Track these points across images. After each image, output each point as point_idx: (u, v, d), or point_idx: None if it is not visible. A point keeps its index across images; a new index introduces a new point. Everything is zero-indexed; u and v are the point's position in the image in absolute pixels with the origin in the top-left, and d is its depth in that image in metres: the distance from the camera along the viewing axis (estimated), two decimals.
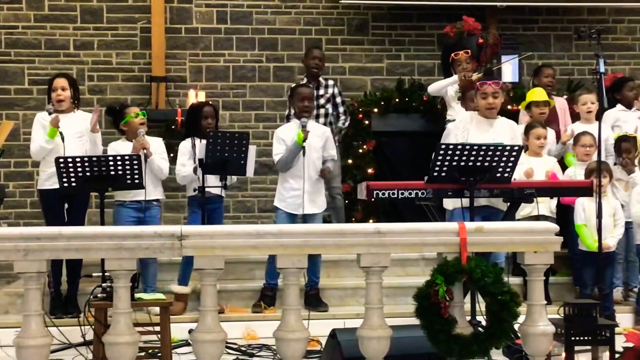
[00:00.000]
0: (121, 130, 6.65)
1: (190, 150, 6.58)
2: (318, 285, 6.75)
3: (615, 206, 6.68)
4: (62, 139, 6.26)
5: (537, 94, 7.35)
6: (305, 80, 7.58)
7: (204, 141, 6.35)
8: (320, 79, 7.69)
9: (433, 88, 7.74)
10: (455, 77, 7.47)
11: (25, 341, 3.62)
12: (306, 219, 6.61)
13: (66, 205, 6.36)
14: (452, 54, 7.58)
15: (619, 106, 7.47)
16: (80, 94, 6.91)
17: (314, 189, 6.64)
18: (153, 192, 6.51)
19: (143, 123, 6.51)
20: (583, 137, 6.96)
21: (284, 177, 6.68)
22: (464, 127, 6.04)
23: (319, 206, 6.72)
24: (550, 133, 7.21)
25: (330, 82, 7.76)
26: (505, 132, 6.05)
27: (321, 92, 7.58)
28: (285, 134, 6.66)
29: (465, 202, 5.55)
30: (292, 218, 6.63)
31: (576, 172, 6.89)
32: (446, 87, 7.56)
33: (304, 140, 6.44)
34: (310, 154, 6.58)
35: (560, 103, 7.79)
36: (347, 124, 7.80)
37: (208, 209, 6.42)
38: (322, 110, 7.54)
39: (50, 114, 6.30)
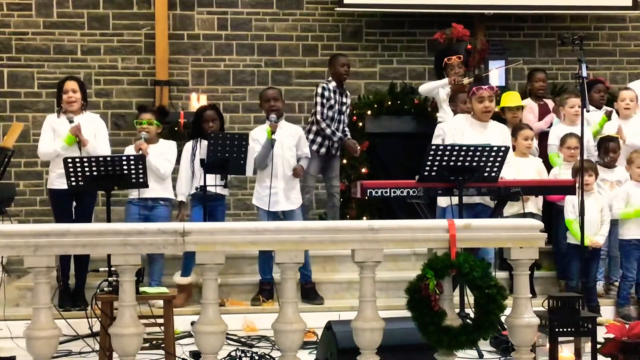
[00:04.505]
0: None
1: (190, 152, 6.62)
2: (312, 278, 6.74)
3: (602, 203, 6.69)
4: (79, 148, 6.24)
5: (510, 98, 7.36)
6: (333, 86, 7.29)
7: (205, 142, 6.38)
8: (345, 87, 7.55)
9: (424, 88, 7.78)
10: (445, 80, 7.49)
11: (35, 333, 3.61)
12: (286, 216, 6.62)
13: (74, 204, 6.36)
14: (445, 58, 7.57)
15: (591, 107, 7.46)
16: (88, 96, 6.91)
17: (289, 186, 6.65)
18: (159, 191, 6.51)
19: (142, 131, 6.50)
20: (569, 139, 6.95)
21: (261, 176, 6.68)
22: (460, 129, 6.04)
23: (294, 203, 6.71)
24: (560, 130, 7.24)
25: (348, 94, 7.61)
26: (497, 134, 6.06)
27: (344, 100, 7.42)
28: (258, 134, 6.69)
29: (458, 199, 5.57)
30: (273, 215, 6.60)
31: (561, 172, 6.90)
32: (436, 88, 7.57)
33: (273, 133, 6.45)
34: (283, 152, 6.59)
35: (553, 106, 7.79)
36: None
37: (209, 206, 6.42)
38: (342, 117, 7.37)
39: (71, 122, 6.29)
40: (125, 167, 5.77)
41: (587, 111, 6.08)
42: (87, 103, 6.69)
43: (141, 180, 5.90)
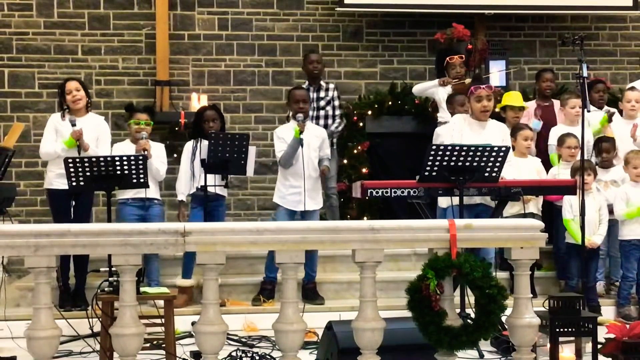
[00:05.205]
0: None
1: (191, 152, 6.61)
2: (315, 279, 6.75)
3: (601, 203, 6.69)
4: (79, 151, 6.23)
5: (512, 98, 7.35)
6: (306, 85, 7.55)
7: (205, 142, 6.38)
8: (321, 82, 7.66)
9: (417, 89, 7.90)
10: (435, 82, 7.59)
11: (35, 333, 3.61)
12: (304, 215, 6.61)
13: (73, 203, 6.36)
14: (448, 58, 7.58)
15: (591, 107, 7.44)
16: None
17: (313, 186, 6.66)
18: (153, 191, 6.52)
19: (140, 131, 6.50)
20: (568, 139, 6.96)
21: (285, 175, 6.68)
22: (459, 129, 6.04)
23: (318, 203, 6.74)
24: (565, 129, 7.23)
25: (331, 86, 7.70)
26: (496, 134, 6.06)
27: (322, 94, 7.54)
28: (285, 133, 6.67)
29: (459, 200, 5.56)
30: (292, 215, 6.63)
31: (560, 172, 6.90)
32: (428, 89, 7.69)
33: (301, 132, 6.45)
34: (309, 152, 6.59)
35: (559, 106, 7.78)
36: (339, 128, 7.68)
37: (209, 206, 6.42)
38: (322, 112, 7.50)
39: (73, 125, 6.28)
40: (125, 168, 5.77)
41: (588, 111, 6.08)
42: (91, 103, 6.68)
43: (142, 180, 5.90)
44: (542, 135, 7.46)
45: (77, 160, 5.74)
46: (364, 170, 8.09)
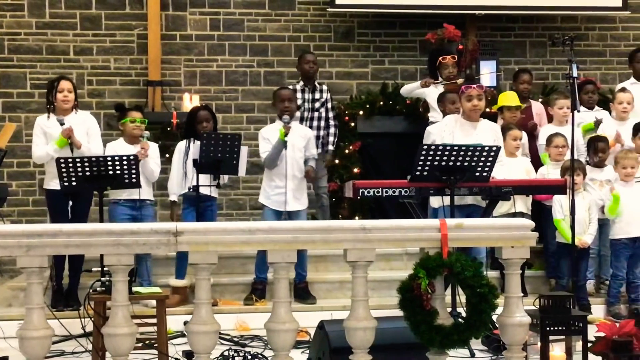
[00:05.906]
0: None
1: (183, 152, 6.60)
2: (306, 278, 6.75)
3: (590, 202, 6.71)
4: (72, 149, 6.21)
5: (509, 98, 7.37)
6: (301, 85, 7.54)
7: (197, 142, 6.38)
8: (316, 83, 7.65)
9: (404, 90, 7.95)
10: (418, 83, 7.71)
11: (27, 333, 3.60)
12: (291, 215, 6.62)
13: (70, 203, 6.34)
14: (440, 58, 7.60)
15: (582, 107, 7.45)
16: (80, 97, 6.89)
17: (298, 187, 6.66)
18: (146, 192, 6.51)
19: (137, 129, 6.49)
20: (556, 138, 6.98)
21: (269, 175, 6.68)
22: (450, 130, 6.05)
23: (302, 203, 6.73)
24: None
25: (325, 88, 7.70)
26: (488, 134, 6.07)
27: (317, 95, 7.53)
28: (270, 133, 6.68)
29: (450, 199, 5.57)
30: (278, 215, 6.62)
31: (549, 171, 6.93)
32: (414, 90, 7.76)
33: (286, 135, 6.45)
34: (294, 153, 6.60)
35: (537, 108, 7.79)
36: (336, 132, 7.74)
37: (201, 207, 6.42)
38: (316, 114, 7.51)
39: (62, 124, 6.26)
40: (118, 168, 5.76)
41: (578, 111, 6.09)
42: (78, 104, 6.67)
43: (134, 180, 5.89)
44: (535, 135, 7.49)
45: (69, 160, 5.73)
46: (355, 170, 8.09)
